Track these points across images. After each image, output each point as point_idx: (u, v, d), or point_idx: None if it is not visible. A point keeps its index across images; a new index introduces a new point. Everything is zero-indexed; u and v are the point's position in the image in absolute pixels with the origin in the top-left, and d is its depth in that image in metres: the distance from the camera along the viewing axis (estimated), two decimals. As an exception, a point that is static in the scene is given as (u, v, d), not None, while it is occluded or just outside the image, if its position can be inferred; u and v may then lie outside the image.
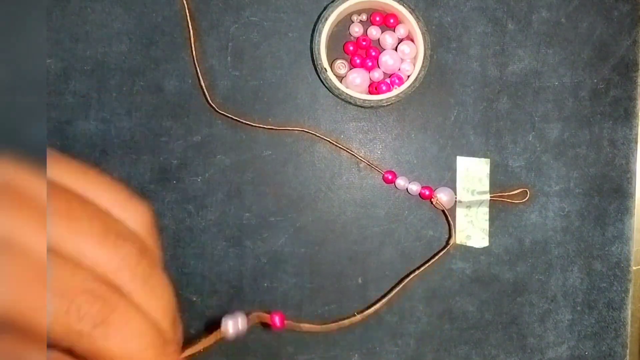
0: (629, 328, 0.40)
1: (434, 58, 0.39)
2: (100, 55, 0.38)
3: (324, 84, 0.38)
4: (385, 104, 0.37)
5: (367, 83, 0.38)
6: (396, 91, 0.37)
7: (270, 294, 0.39)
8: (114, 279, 0.21)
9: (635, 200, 0.40)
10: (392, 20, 0.38)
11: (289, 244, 0.39)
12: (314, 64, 0.38)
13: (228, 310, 0.39)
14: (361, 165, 0.39)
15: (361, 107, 0.38)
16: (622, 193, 0.40)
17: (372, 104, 0.37)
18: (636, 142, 0.40)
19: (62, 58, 0.37)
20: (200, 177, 0.38)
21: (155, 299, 0.22)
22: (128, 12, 0.38)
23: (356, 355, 0.39)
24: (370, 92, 0.39)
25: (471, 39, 0.39)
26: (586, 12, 0.39)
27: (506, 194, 0.39)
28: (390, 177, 0.39)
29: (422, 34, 0.37)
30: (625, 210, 0.40)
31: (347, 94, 0.37)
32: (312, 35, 0.38)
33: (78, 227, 0.22)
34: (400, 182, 0.39)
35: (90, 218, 0.21)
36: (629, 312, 0.40)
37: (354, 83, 0.38)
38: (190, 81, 0.38)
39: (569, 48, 0.39)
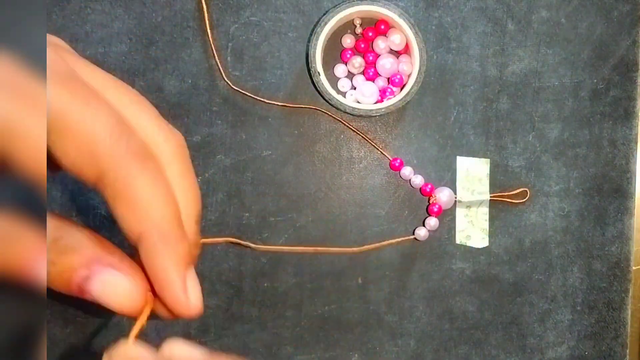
0: (628, 328, 0.40)
1: (434, 58, 0.39)
2: (100, 55, 0.38)
3: (315, 88, 0.38)
4: (374, 114, 0.37)
5: (377, 93, 0.38)
6: (386, 103, 0.37)
7: (270, 294, 0.39)
8: (159, 151, 0.23)
9: (635, 200, 0.40)
10: (382, 27, 0.38)
11: (289, 244, 0.39)
12: (308, 68, 0.38)
13: (229, 308, 0.39)
14: (362, 165, 0.39)
15: (350, 114, 0.38)
16: (622, 193, 0.40)
17: (361, 113, 0.37)
18: (636, 142, 0.40)
19: (62, 58, 0.37)
20: (200, 177, 0.38)
21: (186, 192, 0.23)
22: (128, 12, 0.38)
23: (356, 355, 0.39)
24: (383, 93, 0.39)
25: (471, 39, 0.39)
26: (586, 12, 0.39)
27: (506, 194, 0.39)
28: (397, 164, 0.39)
29: (419, 50, 0.36)
30: (625, 210, 0.40)
31: (337, 99, 0.37)
32: (309, 39, 0.38)
33: (140, 104, 0.23)
34: (405, 171, 0.39)
35: (147, 108, 0.23)
36: (629, 312, 0.40)
37: (364, 95, 0.38)
38: (190, 81, 0.38)
39: (569, 48, 0.39)
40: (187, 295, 0.23)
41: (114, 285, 0.22)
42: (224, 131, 0.38)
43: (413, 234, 0.39)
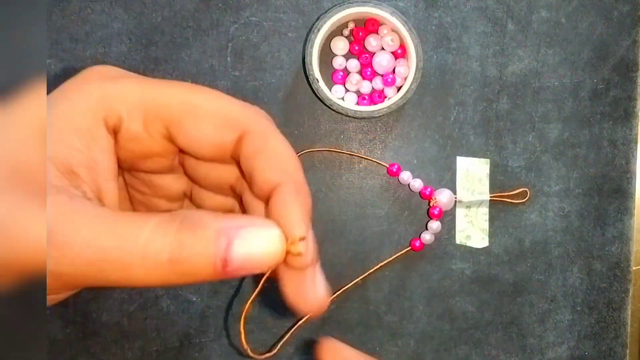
0: (629, 328, 0.40)
1: (434, 58, 0.39)
2: (100, 55, 0.38)
3: (315, 95, 0.38)
4: (376, 115, 0.37)
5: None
6: (387, 102, 0.37)
7: (271, 294, 0.39)
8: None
9: (635, 200, 0.40)
10: (372, 25, 0.38)
11: (289, 244, 0.39)
12: (305, 75, 0.38)
13: (229, 308, 0.39)
14: (362, 165, 0.39)
15: (353, 117, 0.38)
16: (622, 193, 0.40)
17: (363, 115, 0.37)
18: (636, 142, 0.40)
19: (62, 58, 0.37)
20: (200, 177, 0.38)
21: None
22: (128, 12, 0.38)
23: (356, 355, 0.39)
24: (371, 100, 0.39)
25: (471, 39, 0.39)
26: (586, 12, 0.39)
27: (506, 194, 0.39)
28: (394, 169, 0.39)
29: (414, 45, 0.36)
30: (625, 210, 0.40)
31: (338, 104, 0.37)
32: (304, 46, 0.38)
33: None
34: (404, 176, 0.39)
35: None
36: (629, 312, 0.40)
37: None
38: (190, 81, 0.38)
39: (569, 48, 0.39)
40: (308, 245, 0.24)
41: (256, 237, 0.22)
42: (224, 131, 0.38)
43: (409, 244, 0.39)
